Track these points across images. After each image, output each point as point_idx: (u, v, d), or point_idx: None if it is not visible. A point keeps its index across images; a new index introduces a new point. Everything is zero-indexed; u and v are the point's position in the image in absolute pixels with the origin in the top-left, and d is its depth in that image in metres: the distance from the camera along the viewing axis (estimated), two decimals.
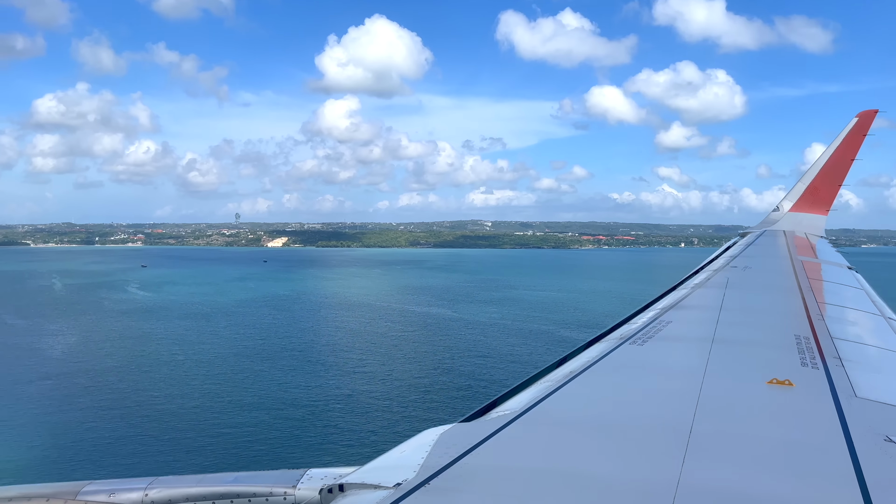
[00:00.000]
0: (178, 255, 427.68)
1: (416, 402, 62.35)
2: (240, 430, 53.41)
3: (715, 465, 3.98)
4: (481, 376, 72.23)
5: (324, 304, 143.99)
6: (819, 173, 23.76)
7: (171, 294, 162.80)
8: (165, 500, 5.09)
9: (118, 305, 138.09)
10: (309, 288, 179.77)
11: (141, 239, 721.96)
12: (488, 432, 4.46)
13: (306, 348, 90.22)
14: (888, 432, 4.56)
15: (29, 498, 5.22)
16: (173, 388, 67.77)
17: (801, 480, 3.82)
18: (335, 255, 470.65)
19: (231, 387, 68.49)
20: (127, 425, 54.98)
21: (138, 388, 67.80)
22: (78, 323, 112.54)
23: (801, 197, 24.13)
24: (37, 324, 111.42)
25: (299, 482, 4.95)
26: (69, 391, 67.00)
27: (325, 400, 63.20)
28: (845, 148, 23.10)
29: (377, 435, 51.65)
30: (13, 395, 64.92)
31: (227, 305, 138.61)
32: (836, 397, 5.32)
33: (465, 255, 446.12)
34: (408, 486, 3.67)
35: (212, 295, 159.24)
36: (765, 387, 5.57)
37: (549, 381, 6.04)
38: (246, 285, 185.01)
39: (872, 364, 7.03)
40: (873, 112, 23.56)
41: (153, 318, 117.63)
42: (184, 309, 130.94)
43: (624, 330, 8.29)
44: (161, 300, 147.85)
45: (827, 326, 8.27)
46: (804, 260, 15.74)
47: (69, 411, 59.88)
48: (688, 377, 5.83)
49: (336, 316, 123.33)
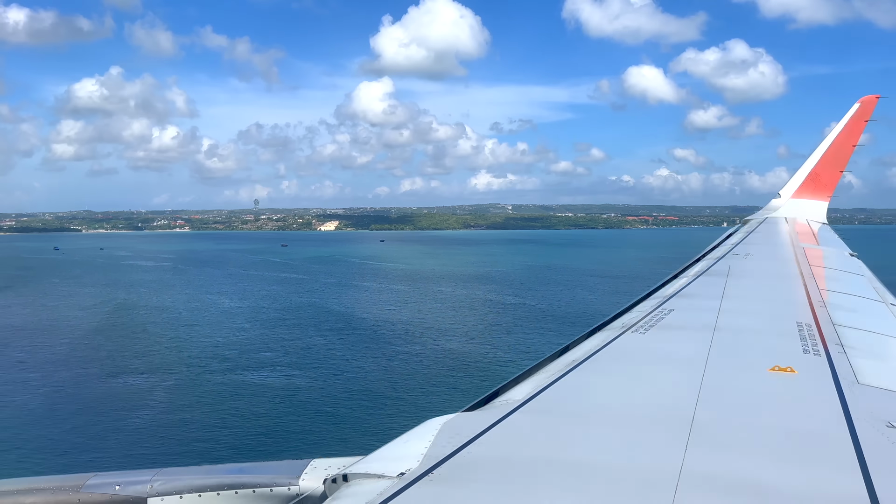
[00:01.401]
0: (268, 238, 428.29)
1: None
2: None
3: (717, 453, 4.00)
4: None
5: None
6: (821, 159, 23.66)
7: (425, 265, 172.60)
8: (170, 491, 5.11)
9: (426, 276, 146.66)
10: (566, 260, 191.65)
11: (182, 225, 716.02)
12: (491, 421, 4.50)
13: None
14: (890, 419, 4.55)
15: (34, 491, 5.25)
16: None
17: (804, 467, 3.83)
18: (423, 237, 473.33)
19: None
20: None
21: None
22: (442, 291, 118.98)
23: (803, 183, 24.00)
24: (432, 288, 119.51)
25: (303, 472, 5.00)
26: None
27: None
28: (847, 134, 23.01)
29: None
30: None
31: (510, 273, 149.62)
32: (839, 384, 5.33)
33: (548, 236, 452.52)
34: (411, 475, 3.71)
35: (473, 265, 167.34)
36: (767, 374, 5.59)
37: (552, 370, 6.07)
38: (475, 258, 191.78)
39: (874, 351, 7.01)
40: (875, 98, 23.48)
41: (482, 285, 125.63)
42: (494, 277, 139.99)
43: (626, 319, 8.31)
44: (434, 271, 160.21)
45: (829, 313, 8.24)
46: (806, 247, 15.64)
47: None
48: (690, 365, 5.85)
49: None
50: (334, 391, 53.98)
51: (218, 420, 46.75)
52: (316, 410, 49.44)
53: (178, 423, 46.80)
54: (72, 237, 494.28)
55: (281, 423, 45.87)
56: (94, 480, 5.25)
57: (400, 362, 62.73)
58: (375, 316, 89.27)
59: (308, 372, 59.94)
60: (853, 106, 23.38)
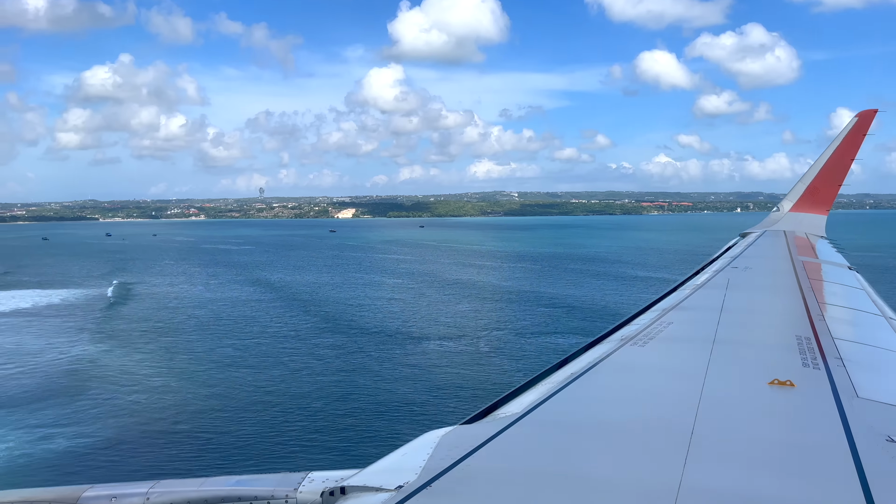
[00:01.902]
0: (299, 225, 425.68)
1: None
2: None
3: (717, 467, 3.98)
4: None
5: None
6: (819, 174, 23.71)
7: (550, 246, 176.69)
8: (166, 503, 5.10)
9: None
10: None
11: (196, 213, 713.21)
12: (490, 434, 4.47)
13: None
14: (890, 432, 4.53)
15: (30, 502, 5.24)
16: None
17: (803, 481, 3.81)
18: (455, 223, 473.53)
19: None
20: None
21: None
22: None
23: (801, 197, 24.04)
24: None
25: (300, 485, 4.96)
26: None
27: None
28: (845, 148, 23.10)
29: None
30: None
31: (616, 252, 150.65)
32: (838, 398, 5.30)
33: (578, 221, 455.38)
34: (409, 488, 3.68)
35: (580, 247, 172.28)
36: (766, 387, 5.56)
37: (551, 382, 6.05)
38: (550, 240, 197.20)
39: (874, 364, 7.02)
40: (873, 112, 23.56)
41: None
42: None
43: (625, 331, 8.31)
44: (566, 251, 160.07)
45: (828, 327, 8.24)
46: (805, 260, 15.71)
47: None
48: (689, 378, 5.83)
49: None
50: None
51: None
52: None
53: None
54: (91, 226, 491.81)
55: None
56: (90, 493, 5.25)
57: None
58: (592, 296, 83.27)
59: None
60: (850, 120, 23.51)
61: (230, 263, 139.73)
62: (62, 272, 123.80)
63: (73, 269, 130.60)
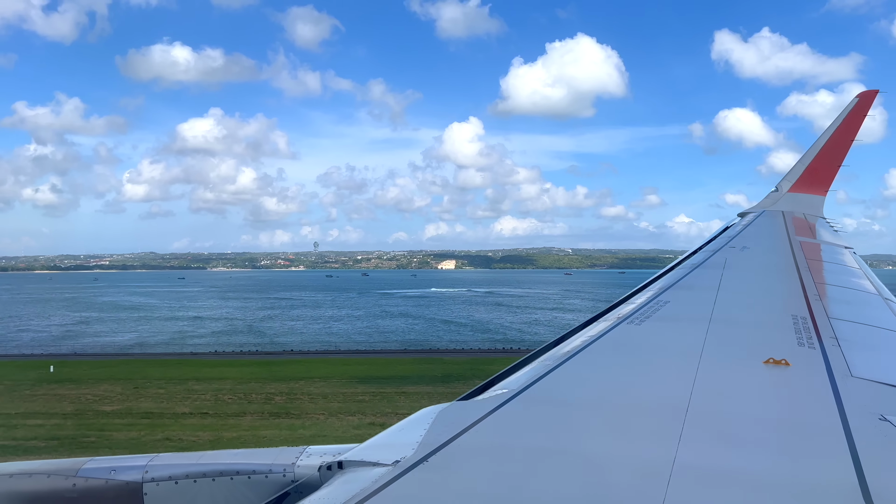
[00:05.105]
0: (444, 278, 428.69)
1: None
2: None
3: (711, 444, 4.03)
4: None
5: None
6: (818, 154, 23.56)
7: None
8: (165, 477, 5.15)
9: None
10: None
11: (286, 265, 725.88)
12: (486, 410, 4.51)
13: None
14: (883, 411, 4.57)
15: (30, 474, 5.27)
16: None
17: (797, 459, 3.86)
18: (587, 274, 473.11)
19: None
20: None
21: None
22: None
23: (801, 177, 23.80)
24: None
25: (298, 459, 5.05)
26: None
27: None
28: (845, 129, 23.00)
29: None
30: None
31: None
32: (832, 377, 5.34)
33: None
34: (406, 463, 3.71)
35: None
36: (761, 366, 5.59)
37: (547, 359, 6.07)
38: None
39: (868, 343, 7.05)
40: (874, 93, 23.38)
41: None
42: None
43: (621, 310, 8.33)
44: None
45: (824, 306, 8.25)
46: (802, 240, 15.59)
47: None
48: (684, 357, 5.86)
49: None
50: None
51: None
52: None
53: None
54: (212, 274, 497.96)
55: None
56: (89, 465, 5.31)
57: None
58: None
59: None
60: (851, 101, 23.32)
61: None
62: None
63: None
